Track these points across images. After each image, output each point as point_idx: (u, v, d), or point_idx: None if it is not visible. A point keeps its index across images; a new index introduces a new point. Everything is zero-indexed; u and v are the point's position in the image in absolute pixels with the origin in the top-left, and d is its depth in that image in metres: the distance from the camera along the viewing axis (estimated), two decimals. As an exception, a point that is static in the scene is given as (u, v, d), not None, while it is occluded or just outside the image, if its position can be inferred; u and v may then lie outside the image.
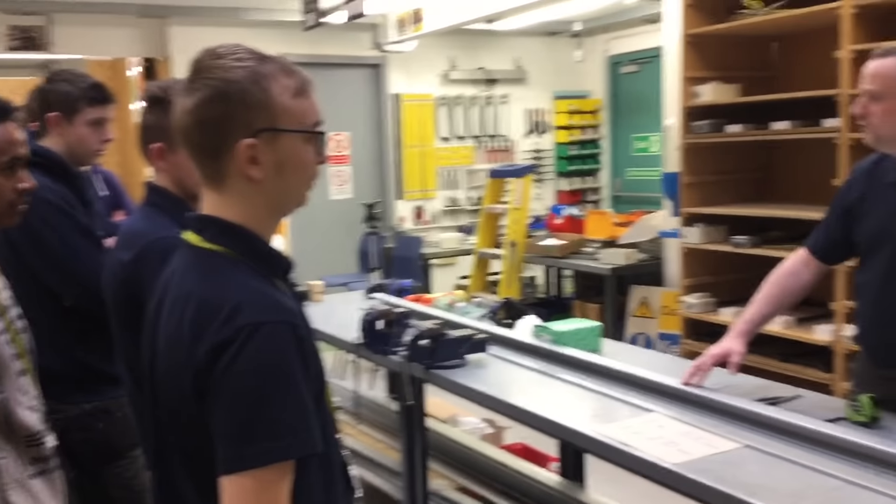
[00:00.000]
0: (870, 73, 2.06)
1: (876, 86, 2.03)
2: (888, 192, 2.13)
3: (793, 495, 1.65)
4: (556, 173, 8.86)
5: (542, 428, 2.26)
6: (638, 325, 5.94)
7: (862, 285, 2.22)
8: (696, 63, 4.87)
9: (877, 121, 2.04)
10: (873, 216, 2.16)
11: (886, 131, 2.04)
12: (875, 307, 2.17)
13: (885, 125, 2.03)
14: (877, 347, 2.20)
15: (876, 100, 2.03)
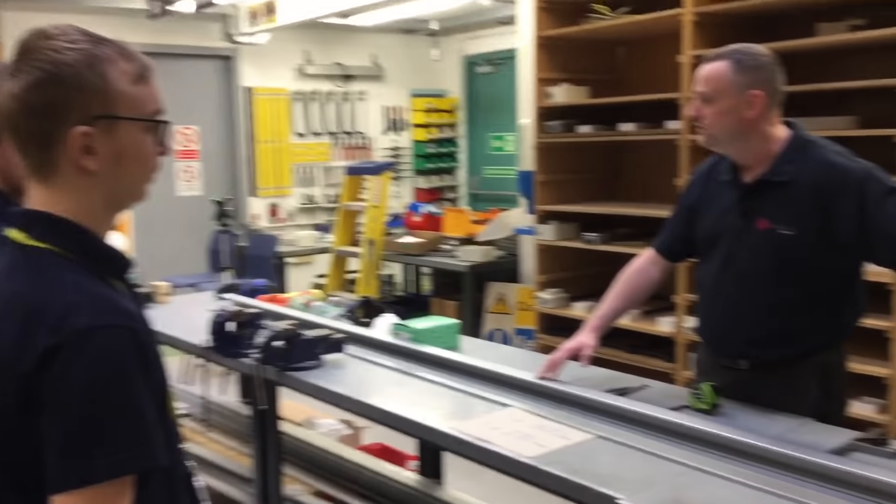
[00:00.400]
0: (702, 76, 2.14)
1: (708, 88, 2.10)
2: (723, 190, 2.23)
3: (641, 482, 1.70)
4: (414, 171, 8.89)
5: (400, 427, 2.23)
6: (495, 322, 6.04)
7: (701, 279, 2.33)
8: (548, 65, 5.00)
9: (709, 122, 2.12)
10: (711, 214, 2.26)
11: (719, 132, 2.12)
12: (712, 300, 2.28)
13: (717, 126, 2.11)
14: (715, 338, 2.31)
15: (708, 102, 2.10)
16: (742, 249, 2.16)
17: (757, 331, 2.17)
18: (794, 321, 2.13)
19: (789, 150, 2.12)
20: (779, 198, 2.09)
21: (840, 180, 2.02)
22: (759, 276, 2.14)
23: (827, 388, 2.16)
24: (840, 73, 3.94)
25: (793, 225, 2.07)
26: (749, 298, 2.17)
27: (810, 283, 2.11)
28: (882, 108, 3.60)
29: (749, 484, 1.68)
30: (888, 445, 1.83)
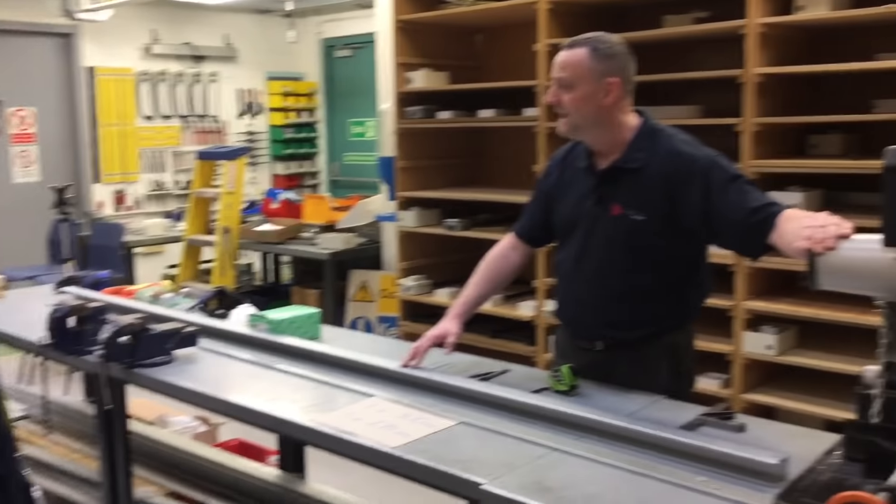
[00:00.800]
0: (560, 62, 2.15)
1: (567, 74, 2.12)
2: (580, 176, 2.27)
3: (503, 466, 1.71)
4: (272, 157, 8.66)
5: (258, 422, 2.15)
6: (358, 310, 5.98)
7: (558, 264, 2.37)
8: (407, 50, 4.96)
9: (568, 108, 2.14)
10: (568, 200, 2.30)
11: (578, 119, 2.15)
12: (570, 284, 2.33)
13: (575, 113, 2.14)
14: (572, 321, 2.36)
15: (567, 88, 2.13)
16: (597, 235, 2.21)
17: (612, 313, 2.23)
18: (646, 303, 2.20)
19: (640, 137, 2.17)
20: (631, 184, 2.15)
21: (686, 168, 2.09)
22: (614, 260, 2.19)
23: (677, 366, 2.25)
24: (686, 63, 4.12)
25: (643, 211, 2.12)
26: (604, 282, 2.22)
27: (661, 267, 2.18)
28: (724, 98, 3.79)
29: (606, 462, 1.72)
30: (733, 419, 1.91)
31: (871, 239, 1.48)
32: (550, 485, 1.62)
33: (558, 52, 2.17)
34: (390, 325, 5.75)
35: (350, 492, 2.95)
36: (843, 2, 3.51)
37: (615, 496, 1.57)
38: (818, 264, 1.53)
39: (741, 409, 3.61)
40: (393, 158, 5.08)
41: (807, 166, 3.60)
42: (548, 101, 2.18)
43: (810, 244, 1.56)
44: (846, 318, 3.41)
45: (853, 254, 1.51)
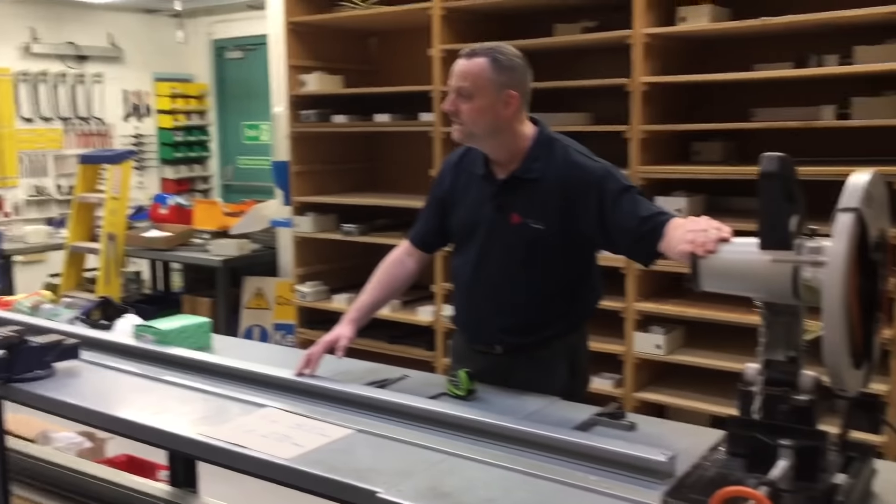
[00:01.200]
0: (459, 71, 2.14)
1: (467, 84, 2.11)
2: (477, 183, 2.28)
3: (400, 473, 1.69)
4: (160, 160, 8.38)
5: (145, 437, 2.06)
6: (253, 318, 5.85)
7: (456, 270, 2.38)
8: (300, 52, 4.90)
9: (466, 118, 2.13)
10: (464, 205, 2.31)
11: (476, 128, 2.14)
12: (468, 290, 2.34)
13: (474, 122, 2.13)
14: (471, 326, 2.38)
15: (466, 98, 2.12)
16: (496, 242, 2.23)
17: (510, 318, 2.25)
18: (543, 308, 2.24)
19: (536, 147, 2.20)
20: (529, 194, 2.18)
21: (582, 179, 2.13)
22: (512, 266, 2.22)
23: (573, 367, 2.30)
24: (576, 71, 4.22)
25: (542, 219, 2.16)
26: (503, 288, 2.25)
27: (557, 273, 2.22)
28: (613, 105, 3.90)
29: (503, 465, 1.73)
30: (624, 418, 1.96)
31: (748, 242, 1.54)
32: (447, 490, 1.61)
33: (456, 58, 2.17)
34: (287, 333, 5.65)
35: (244, 505, 2.88)
36: (723, 14, 3.67)
37: (511, 499, 1.58)
38: (700, 267, 1.59)
39: (633, 407, 3.72)
40: (287, 163, 4.99)
41: (690, 172, 3.74)
42: (445, 109, 2.17)
43: (692, 248, 1.61)
44: (730, 317, 3.56)
45: (732, 256, 1.57)
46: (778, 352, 1.52)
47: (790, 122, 3.51)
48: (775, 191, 1.44)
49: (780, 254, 1.46)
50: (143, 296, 6.80)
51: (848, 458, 1.53)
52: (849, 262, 1.32)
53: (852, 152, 3.58)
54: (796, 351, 1.51)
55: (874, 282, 1.44)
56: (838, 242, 1.33)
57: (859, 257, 1.38)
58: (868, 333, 1.46)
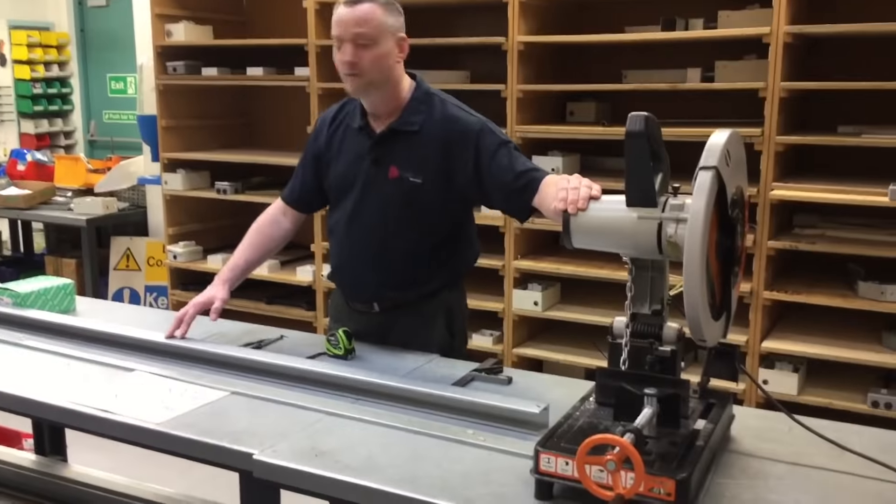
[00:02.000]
0: (353, 19, 2.05)
1: (366, 30, 2.04)
2: (353, 137, 2.24)
3: (276, 435, 1.67)
4: (18, 114, 7.84)
5: (4, 405, 1.95)
6: (122, 280, 5.61)
7: (333, 226, 2.35)
8: (166, 0, 4.66)
9: (368, 66, 2.07)
10: (341, 161, 2.27)
11: (375, 76, 2.09)
12: (345, 246, 2.31)
13: (376, 70, 2.08)
14: (348, 284, 2.36)
15: (366, 46, 2.05)
16: (373, 196, 2.21)
17: (388, 275, 2.24)
18: (421, 264, 2.24)
19: (415, 101, 2.18)
20: (408, 147, 2.16)
21: (460, 133, 2.13)
22: (390, 222, 2.20)
23: (451, 323, 2.32)
24: (453, 29, 4.21)
25: (420, 173, 2.15)
26: (380, 243, 2.23)
27: (435, 228, 2.22)
28: (491, 64, 3.91)
29: (382, 423, 1.74)
30: (501, 373, 2.01)
31: (616, 199, 1.59)
32: (325, 449, 1.61)
33: (336, 7, 2.08)
34: (159, 295, 5.45)
35: (117, 473, 2.78)
36: (597, -24, 3.74)
37: (389, 455, 1.59)
38: (571, 225, 1.63)
39: (512, 363, 3.82)
40: (155, 117, 4.77)
41: (565, 133, 3.82)
42: (345, 61, 2.06)
43: (564, 205, 1.65)
44: (602, 274, 3.68)
45: (601, 214, 1.61)
46: (644, 305, 1.58)
47: (658, 84, 3.63)
48: (640, 149, 1.48)
49: (646, 211, 1.51)
50: (3, 257, 6.40)
51: (708, 405, 1.62)
52: (708, 218, 1.38)
53: (716, 114, 3.74)
54: (661, 304, 1.58)
55: (732, 238, 1.51)
56: (698, 199, 1.38)
57: (718, 214, 1.44)
58: (726, 287, 1.54)
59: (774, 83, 3.27)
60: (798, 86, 3.34)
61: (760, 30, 3.27)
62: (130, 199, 5.66)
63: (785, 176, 3.46)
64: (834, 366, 3.34)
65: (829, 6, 3.56)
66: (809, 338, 3.43)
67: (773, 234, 3.39)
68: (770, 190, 3.31)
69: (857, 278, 3.34)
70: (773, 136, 3.29)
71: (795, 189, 3.33)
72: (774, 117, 3.28)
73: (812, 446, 1.62)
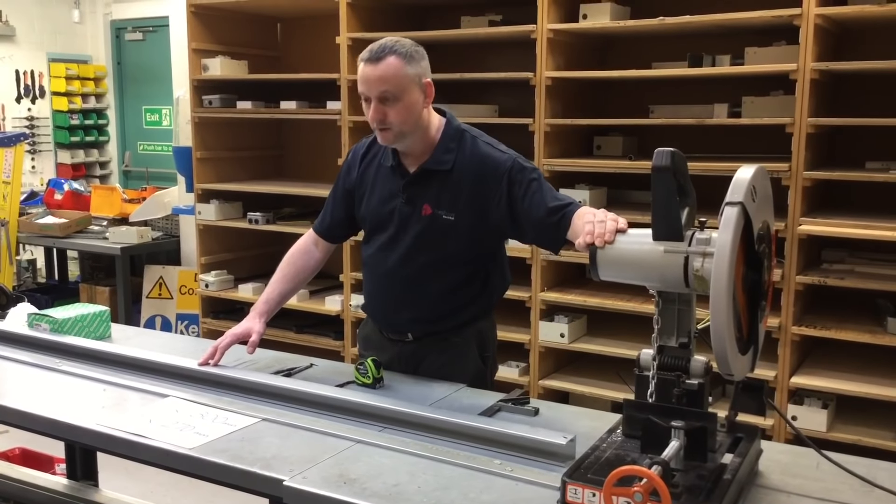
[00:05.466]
0: (375, 78, 2.07)
1: (390, 87, 2.08)
2: (386, 174, 2.29)
3: (306, 461, 1.70)
4: (56, 144, 8.04)
5: (40, 429, 2.00)
6: (155, 307, 5.69)
7: (367, 260, 2.39)
8: (203, 35, 4.78)
9: (395, 120, 2.11)
10: (374, 197, 2.31)
11: (406, 127, 2.13)
12: (379, 280, 2.35)
13: (404, 122, 2.12)
14: (382, 316, 2.39)
15: (390, 101, 2.09)
16: (408, 233, 2.24)
17: (422, 307, 2.28)
18: (454, 296, 2.27)
19: (446, 138, 2.22)
20: (440, 185, 2.20)
21: (492, 170, 2.16)
22: (424, 257, 2.24)
23: (482, 352, 2.35)
24: (482, 64, 4.27)
25: (452, 210, 2.19)
26: (414, 278, 2.26)
27: (468, 262, 2.25)
28: (518, 99, 3.97)
29: (409, 451, 1.76)
30: (528, 404, 2.02)
31: (643, 233, 1.61)
32: (354, 476, 1.63)
33: (360, 65, 2.12)
34: (191, 323, 5.53)
35: (147, 498, 2.82)
36: (623, 13, 3.78)
37: (417, 483, 1.61)
38: (598, 257, 1.65)
39: (538, 395, 3.82)
40: (190, 149, 4.87)
41: (592, 166, 3.85)
42: (372, 119, 2.12)
43: (591, 238, 1.67)
44: (626, 306, 3.69)
45: (628, 247, 1.64)
46: (671, 338, 1.59)
47: (685, 119, 3.65)
48: (667, 184, 1.50)
49: (672, 245, 1.53)
50: (38, 284, 6.52)
51: (736, 439, 1.63)
52: (734, 252, 1.40)
53: (743, 149, 3.76)
54: (688, 337, 1.59)
55: (759, 272, 1.52)
56: (724, 234, 1.41)
57: (745, 249, 1.46)
58: (753, 321, 1.55)
59: (801, 119, 3.28)
60: (825, 121, 3.35)
61: (787, 66, 3.29)
62: (164, 229, 5.77)
63: (813, 211, 3.46)
64: (863, 402, 3.30)
65: (856, 43, 3.58)
66: (838, 374, 3.40)
67: (801, 269, 3.38)
68: (798, 225, 3.31)
69: (887, 314, 3.31)
70: (800, 171, 3.30)
71: (823, 224, 3.32)
72: (802, 152, 3.29)
73: (841, 482, 1.62)
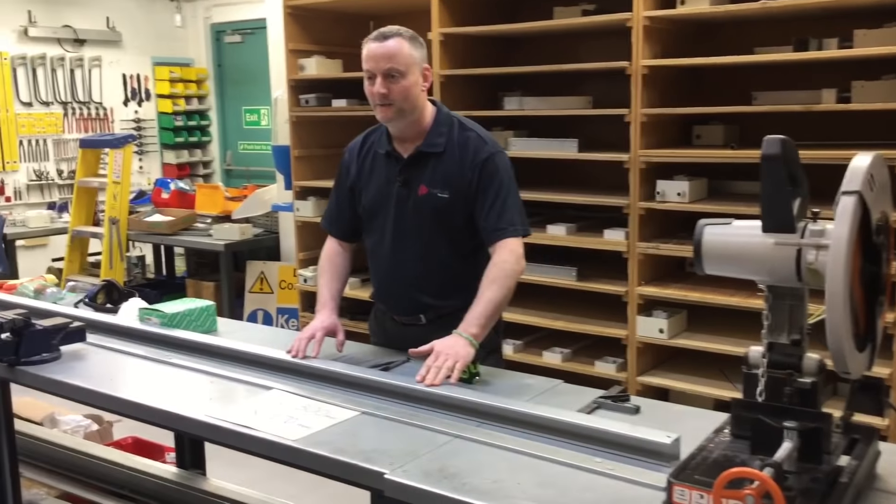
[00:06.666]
0: (383, 54, 2.21)
1: (397, 64, 2.22)
2: (381, 162, 2.40)
3: (406, 455, 1.71)
4: (161, 145, 8.37)
5: (152, 419, 2.08)
6: (256, 302, 5.86)
7: (371, 247, 2.47)
8: (299, 36, 4.88)
9: (398, 96, 2.24)
10: (373, 186, 2.41)
11: (406, 104, 2.26)
12: (386, 266, 2.43)
13: (405, 100, 2.25)
14: (394, 300, 2.47)
15: (395, 78, 2.23)
16: (406, 215, 2.35)
17: (431, 287, 2.37)
18: (461, 272, 2.35)
19: (438, 123, 2.34)
20: (433, 166, 2.32)
21: (473, 155, 2.29)
22: (425, 236, 2.34)
23: (496, 327, 2.36)
24: (576, 55, 4.21)
25: (447, 188, 2.30)
26: (419, 258, 2.36)
27: (469, 238, 2.34)
28: (613, 89, 3.89)
29: (508, 447, 1.75)
30: (628, 401, 1.98)
31: (752, 225, 1.55)
32: (454, 471, 1.63)
33: (366, 43, 2.27)
34: (290, 317, 5.67)
35: (252, 487, 2.90)
36: (724, -3, 3.66)
37: (517, 480, 1.60)
38: (703, 250, 1.60)
39: (636, 391, 3.74)
40: (288, 147, 4.99)
41: (692, 156, 3.74)
42: (377, 92, 2.25)
43: (420, 379, 2.00)
44: (731, 301, 3.57)
45: (736, 240, 1.58)
46: (782, 335, 1.53)
47: (791, 105, 3.51)
48: (778, 173, 1.44)
49: (783, 237, 1.47)
50: (147, 280, 6.81)
51: (852, 441, 1.55)
52: (851, 244, 1.33)
53: (852, 136, 3.58)
54: (800, 334, 1.52)
55: (877, 265, 1.45)
56: (841, 225, 1.34)
57: (862, 240, 1.39)
58: (871, 317, 1.47)
59: (918, 102, 3.10)
60: (945, 104, 3.16)
61: (901, 48, 3.12)
62: (264, 226, 5.93)
63: (932, 199, 3.27)
64: None
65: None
66: (961, 372, 3.21)
67: (919, 262, 3.20)
68: (916, 214, 3.13)
69: None
70: (918, 157, 3.12)
71: (944, 213, 3.14)
72: (919, 138, 3.12)
73: (968, 487, 1.52)
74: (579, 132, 4.07)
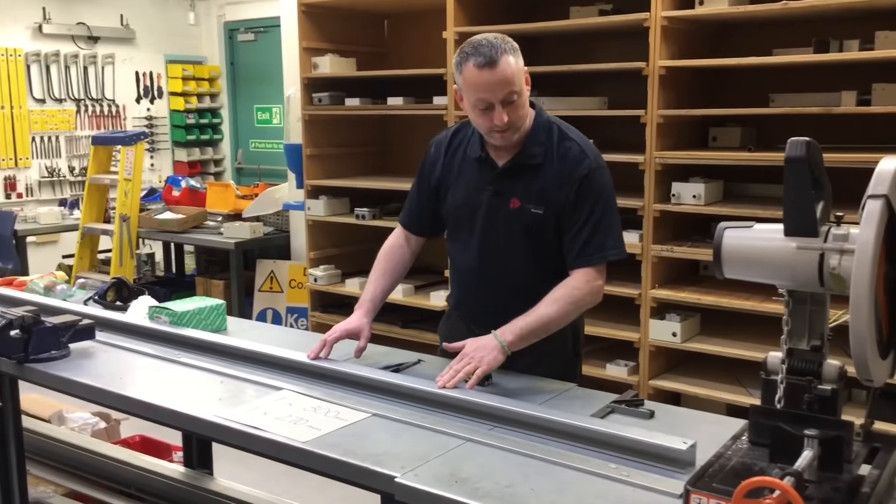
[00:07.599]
0: (501, 80, 2.02)
1: (513, 88, 2.05)
2: (472, 166, 2.26)
3: (417, 458, 1.68)
4: (173, 143, 8.38)
5: (160, 418, 2.06)
6: (266, 301, 5.85)
7: (453, 253, 2.38)
8: (313, 34, 4.86)
9: (518, 119, 2.10)
10: (460, 190, 2.29)
11: (522, 122, 2.14)
12: (469, 274, 2.33)
13: (522, 119, 2.13)
14: (471, 309, 2.36)
15: (514, 101, 2.07)
16: (496, 226, 2.23)
17: (514, 301, 2.22)
18: (545, 289, 2.21)
19: (536, 130, 2.18)
20: (529, 179, 2.17)
21: (571, 168, 2.14)
22: (513, 250, 2.22)
23: (574, 347, 2.33)
24: (592, 55, 4.17)
25: (541, 204, 2.16)
26: (505, 271, 2.25)
27: (557, 254, 2.21)
28: (630, 90, 3.85)
29: (520, 451, 1.72)
30: (642, 406, 1.95)
31: (772, 228, 1.51)
32: (465, 475, 1.60)
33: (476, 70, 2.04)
34: (300, 316, 5.65)
35: (259, 488, 2.88)
36: (742, -2, 3.62)
37: (530, 485, 1.57)
38: (723, 253, 1.56)
39: (648, 395, 3.71)
40: (300, 146, 4.97)
41: (708, 158, 3.70)
42: (500, 124, 2.08)
43: (441, 382, 1.95)
44: (745, 305, 3.53)
45: (757, 243, 1.54)
46: (802, 340, 1.50)
47: (810, 108, 3.46)
48: (802, 176, 1.41)
49: (806, 241, 1.44)
50: (157, 278, 6.82)
51: (873, 449, 1.52)
52: (877, 249, 1.30)
53: (872, 139, 3.53)
54: (820, 340, 1.49)
55: (902, 270, 1.41)
56: (867, 229, 1.30)
57: (888, 245, 1.35)
58: (894, 323, 1.43)
59: (940, 105, 3.05)
60: (967, 108, 3.11)
61: (923, 49, 3.07)
62: (275, 224, 5.92)
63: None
64: None
65: None
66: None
67: (938, 267, 3.15)
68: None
69: None
70: (939, 161, 3.07)
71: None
72: (940, 142, 3.07)
73: None
74: (595, 133, 3.99)
